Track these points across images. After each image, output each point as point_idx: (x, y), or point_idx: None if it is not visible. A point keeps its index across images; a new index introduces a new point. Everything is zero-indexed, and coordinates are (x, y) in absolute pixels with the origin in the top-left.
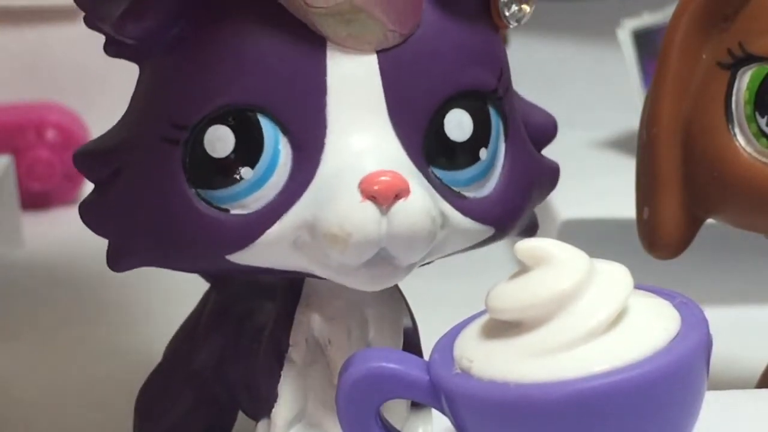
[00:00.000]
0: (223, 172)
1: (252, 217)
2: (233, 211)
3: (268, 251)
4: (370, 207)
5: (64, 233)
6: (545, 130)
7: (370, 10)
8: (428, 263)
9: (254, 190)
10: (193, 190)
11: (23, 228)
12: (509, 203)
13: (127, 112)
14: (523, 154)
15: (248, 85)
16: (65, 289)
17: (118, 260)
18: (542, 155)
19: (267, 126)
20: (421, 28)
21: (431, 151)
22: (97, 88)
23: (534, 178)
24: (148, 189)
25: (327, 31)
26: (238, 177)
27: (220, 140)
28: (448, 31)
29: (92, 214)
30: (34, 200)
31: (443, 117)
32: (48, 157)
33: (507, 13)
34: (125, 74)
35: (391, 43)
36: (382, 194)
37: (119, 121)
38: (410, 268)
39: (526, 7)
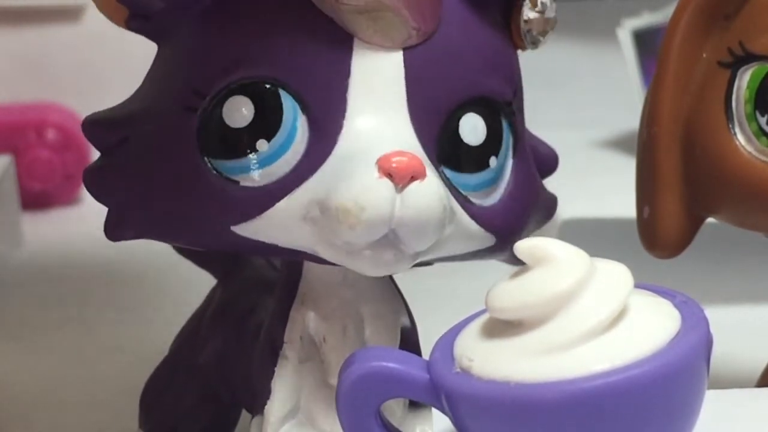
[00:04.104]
0: (238, 142)
1: (262, 190)
2: (243, 183)
3: (274, 225)
4: (386, 184)
5: (64, 233)
6: (548, 161)
7: (397, 7)
8: (427, 264)
9: (267, 164)
10: (205, 159)
11: (23, 228)
12: (511, 217)
13: (140, 87)
14: (528, 176)
15: (274, 59)
16: (65, 289)
17: (115, 229)
18: (543, 184)
19: (287, 102)
20: (447, 29)
21: (444, 150)
22: (97, 88)
23: (535, 201)
24: (158, 156)
25: (355, 28)
26: (253, 149)
27: (239, 110)
28: (473, 35)
29: (97, 181)
30: (34, 200)
31: (459, 119)
32: (48, 157)
33: (527, 36)
34: (125, 74)
35: (416, 40)
36: (400, 172)
37: (132, 96)
38: (414, 257)
39: (543, 38)
